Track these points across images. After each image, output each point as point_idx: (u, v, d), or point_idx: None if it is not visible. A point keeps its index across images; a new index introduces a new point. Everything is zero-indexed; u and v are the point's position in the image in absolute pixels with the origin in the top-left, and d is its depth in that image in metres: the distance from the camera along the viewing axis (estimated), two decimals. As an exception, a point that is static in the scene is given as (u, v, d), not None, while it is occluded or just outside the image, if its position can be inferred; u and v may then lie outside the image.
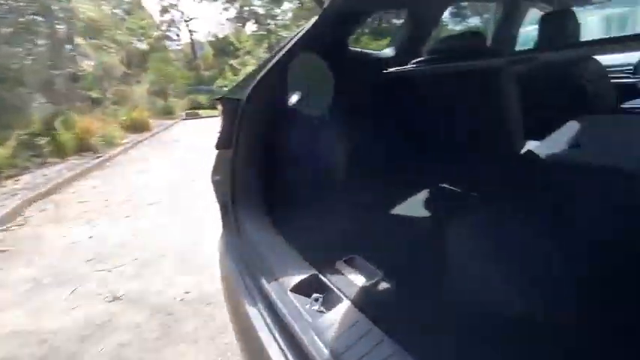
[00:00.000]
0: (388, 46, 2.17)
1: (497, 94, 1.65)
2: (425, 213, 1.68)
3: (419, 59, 1.82)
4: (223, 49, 23.71)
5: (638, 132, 1.71)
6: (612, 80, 2.39)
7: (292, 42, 1.54)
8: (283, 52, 1.51)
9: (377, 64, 1.96)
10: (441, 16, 2.19)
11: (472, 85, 1.75)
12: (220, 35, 25.16)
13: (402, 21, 2.23)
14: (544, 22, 2.21)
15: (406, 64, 1.84)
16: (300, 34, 1.58)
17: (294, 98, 1.45)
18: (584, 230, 1.18)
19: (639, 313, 0.78)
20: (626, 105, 2.56)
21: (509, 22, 2.83)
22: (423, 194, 1.78)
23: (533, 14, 3.01)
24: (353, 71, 1.80)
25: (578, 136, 1.82)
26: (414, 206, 1.71)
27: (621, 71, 2.91)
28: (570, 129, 1.94)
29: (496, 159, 1.86)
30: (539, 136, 1.97)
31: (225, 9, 23.34)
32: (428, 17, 2.08)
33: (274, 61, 1.49)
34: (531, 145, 1.88)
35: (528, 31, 3.23)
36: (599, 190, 1.41)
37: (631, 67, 3.05)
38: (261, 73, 1.47)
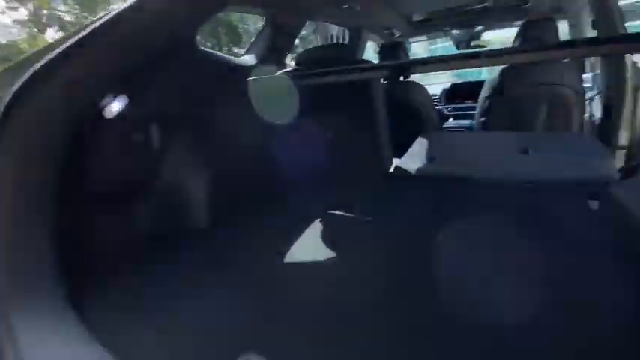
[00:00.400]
0: (246, 52, 1.86)
1: (370, 108, 1.59)
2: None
3: (286, 69, 1.59)
4: (7, 57, 17.80)
5: (471, 146, 2.00)
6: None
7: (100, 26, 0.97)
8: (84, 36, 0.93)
9: (236, 71, 1.61)
10: (303, 25, 2.05)
11: (342, 99, 1.65)
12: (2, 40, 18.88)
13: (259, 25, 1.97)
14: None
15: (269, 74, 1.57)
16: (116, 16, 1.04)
17: (112, 105, 0.91)
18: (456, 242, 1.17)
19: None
20: (446, 125, 3.15)
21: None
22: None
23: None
24: (202, 76, 1.39)
25: (431, 151, 1.98)
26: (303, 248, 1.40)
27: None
28: (422, 144, 2.11)
29: (370, 178, 1.81)
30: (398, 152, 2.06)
31: (12, 8, 17.85)
32: (291, 25, 1.89)
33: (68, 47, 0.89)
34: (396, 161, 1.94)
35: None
36: (461, 197, 1.50)
37: (436, 96, 3.82)
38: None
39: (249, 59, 1.78)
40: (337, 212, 1.55)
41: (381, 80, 2.81)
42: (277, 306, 0.92)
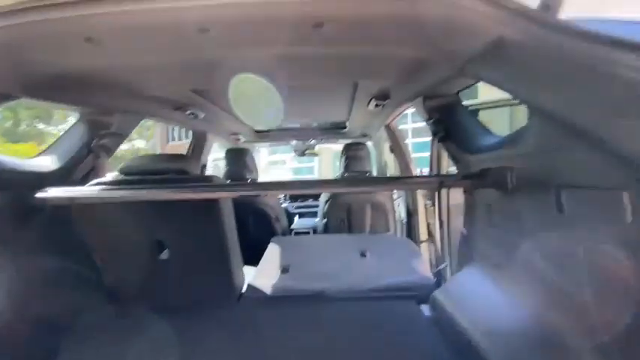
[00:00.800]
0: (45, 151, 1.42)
1: (219, 226, 1.43)
2: None
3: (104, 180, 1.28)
4: None
5: (320, 252, 2.09)
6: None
7: None
8: None
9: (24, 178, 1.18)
10: (135, 125, 1.78)
11: (186, 217, 1.43)
12: None
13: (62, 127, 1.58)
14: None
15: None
16: None
17: None
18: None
19: None
20: (293, 227, 3.28)
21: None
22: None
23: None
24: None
25: (284, 261, 1.94)
26: None
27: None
28: (274, 253, 2.06)
29: (222, 301, 1.56)
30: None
31: None
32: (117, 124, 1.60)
33: None
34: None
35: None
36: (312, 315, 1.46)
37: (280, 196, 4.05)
38: None
39: (45, 162, 1.36)
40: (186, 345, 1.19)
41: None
42: None
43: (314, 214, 3.76)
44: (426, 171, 2.65)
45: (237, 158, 2.74)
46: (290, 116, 2.87)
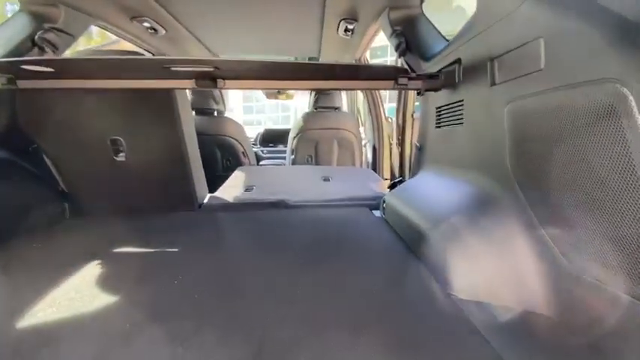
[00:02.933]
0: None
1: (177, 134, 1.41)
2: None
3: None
4: None
5: (284, 176, 2.12)
6: None
7: None
8: None
9: None
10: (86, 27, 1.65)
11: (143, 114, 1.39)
12: None
13: None
14: None
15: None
16: None
17: None
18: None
19: None
20: (261, 163, 3.27)
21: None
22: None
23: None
24: None
25: (249, 181, 1.97)
26: None
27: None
28: (239, 177, 2.08)
29: (183, 209, 1.58)
30: None
31: None
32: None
33: None
34: None
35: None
36: (274, 217, 1.53)
37: (252, 138, 4.00)
38: None
39: None
40: (134, 239, 1.21)
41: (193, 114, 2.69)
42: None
43: (283, 158, 3.79)
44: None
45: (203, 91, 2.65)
46: (259, 47, 2.78)
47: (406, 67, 1.55)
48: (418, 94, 1.38)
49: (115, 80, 1.18)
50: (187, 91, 2.71)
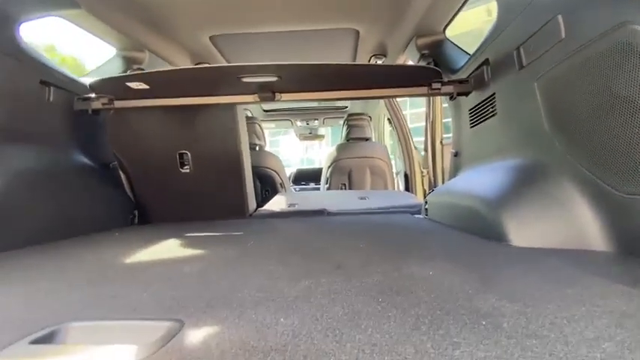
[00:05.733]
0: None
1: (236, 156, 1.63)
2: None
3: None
4: None
5: (324, 197, 2.23)
6: None
7: None
8: None
9: None
10: None
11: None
12: None
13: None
14: None
15: None
16: None
17: None
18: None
19: None
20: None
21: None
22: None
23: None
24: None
25: (290, 200, 2.10)
26: None
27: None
28: (281, 197, 2.22)
29: (235, 217, 1.72)
30: None
31: None
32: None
33: None
34: None
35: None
36: (317, 219, 1.61)
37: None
38: None
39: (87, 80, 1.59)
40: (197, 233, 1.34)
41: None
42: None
43: None
44: (418, 139, 2.87)
45: (247, 126, 2.96)
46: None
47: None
48: (450, 98, 1.53)
49: (191, 98, 1.43)
50: None
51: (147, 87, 1.34)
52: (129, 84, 1.31)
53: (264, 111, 3.57)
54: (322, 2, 1.55)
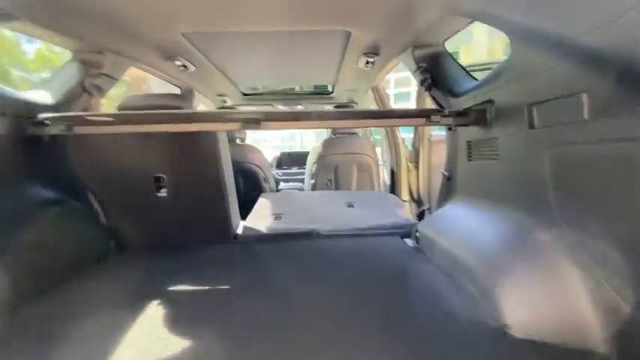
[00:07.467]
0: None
1: (217, 167, 1.49)
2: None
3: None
4: None
5: (309, 203, 2.18)
6: None
7: None
8: None
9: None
10: (124, 71, 1.76)
11: (185, 154, 1.47)
12: None
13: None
14: None
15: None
16: None
17: None
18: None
19: None
20: (280, 187, 3.34)
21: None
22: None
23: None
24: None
25: (276, 209, 2.03)
26: None
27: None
28: (265, 204, 2.14)
29: (219, 240, 1.63)
30: None
31: None
32: (109, 67, 1.60)
33: None
34: None
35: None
36: (306, 248, 1.57)
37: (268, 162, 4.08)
38: None
39: (41, 96, 1.36)
40: (183, 275, 1.27)
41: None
42: None
43: (299, 181, 3.86)
44: (406, 135, 2.80)
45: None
46: (279, 79, 2.90)
47: (433, 100, 1.63)
48: (449, 129, 1.45)
49: (168, 124, 1.26)
50: None
51: (110, 119, 1.16)
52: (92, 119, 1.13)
53: (243, 95, 3.32)
54: (311, 4, 1.36)
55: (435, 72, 1.59)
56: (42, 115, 1.23)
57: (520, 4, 0.86)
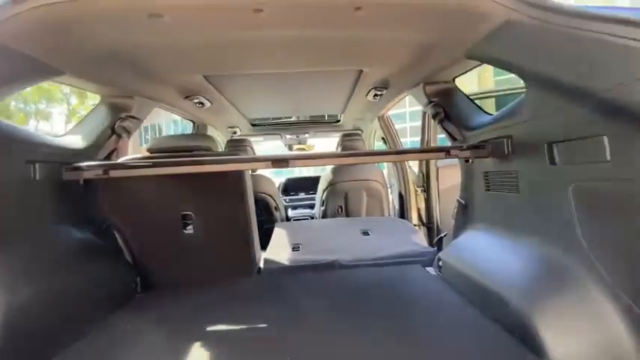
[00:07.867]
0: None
1: (241, 203, 1.53)
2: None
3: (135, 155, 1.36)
4: None
5: (325, 232, 2.22)
6: None
7: None
8: None
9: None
10: (149, 111, 1.84)
11: (213, 191, 1.52)
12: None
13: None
14: None
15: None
16: None
17: None
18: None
19: None
20: (291, 215, 3.37)
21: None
22: None
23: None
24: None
25: (294, 240, 2.07)
26: None
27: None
28: (282, 234, 2.18)
29: (243, 274, 1.65)
30: None
31: None
32: (135, 108, 1.67)
33: None
34: None
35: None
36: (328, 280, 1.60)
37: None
38: None
39: (73, 140, 1.41)
40: (209, 312, 1.28)
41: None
42: None
43: (306, 207, 3.89)
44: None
45: (238, 147, 2.83)
46: (289, 111, 3.00)
47: (445, 133, 1.71)
48: (466, 161, 1.52)
49: (200, 166, 1.32)
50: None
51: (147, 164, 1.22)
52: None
53: (252, 125, 3.42)
54: (326, 49, 1.45)
55: (448, 106, 1.67)
56: (81, 164, 1.29)
57: (539, 56, 0.95)
